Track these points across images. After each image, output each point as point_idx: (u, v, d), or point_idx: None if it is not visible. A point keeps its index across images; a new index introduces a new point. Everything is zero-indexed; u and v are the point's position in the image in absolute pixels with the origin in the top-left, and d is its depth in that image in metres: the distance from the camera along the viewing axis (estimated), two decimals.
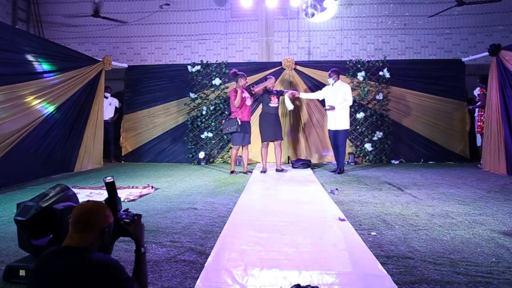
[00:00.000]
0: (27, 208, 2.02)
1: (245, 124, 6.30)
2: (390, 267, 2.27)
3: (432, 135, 7.80)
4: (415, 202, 4.03)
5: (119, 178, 5.96)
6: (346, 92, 6.33)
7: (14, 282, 2.04)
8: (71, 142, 6.61)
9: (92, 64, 7.13)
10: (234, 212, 3.66)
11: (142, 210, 3.74)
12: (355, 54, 9.13)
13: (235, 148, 6.45)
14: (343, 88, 6.38)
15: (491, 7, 8.57)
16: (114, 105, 8.47)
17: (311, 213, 3.66)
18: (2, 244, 2.71)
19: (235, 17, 9.58)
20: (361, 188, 4.95)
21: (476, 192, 4.56)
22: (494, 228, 3.05)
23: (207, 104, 8.15)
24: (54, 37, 9.32)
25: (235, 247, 2.64)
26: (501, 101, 6.14)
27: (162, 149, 8.25)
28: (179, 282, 2.07)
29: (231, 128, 6.13)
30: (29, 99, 5.50)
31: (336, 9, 9.23)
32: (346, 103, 6.33)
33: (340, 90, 6.36)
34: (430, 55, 9.12)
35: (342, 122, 6.34)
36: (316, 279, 2.10)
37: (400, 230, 3.01)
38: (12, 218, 2.64)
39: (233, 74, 6.43)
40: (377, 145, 7.85)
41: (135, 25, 9.71)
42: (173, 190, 4.90)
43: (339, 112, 6.33)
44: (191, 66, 8.26)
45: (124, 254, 2.47)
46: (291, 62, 8.00)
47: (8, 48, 5.12)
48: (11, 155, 5.19)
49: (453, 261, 2.34)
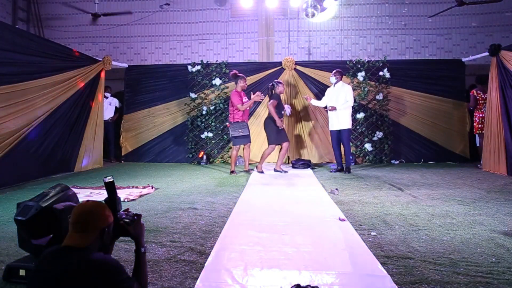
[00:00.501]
0: (27, 208, 2.02)
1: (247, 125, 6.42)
2: (390, 267, 2.27)
3: (432, 135, 7.80)
4: (415, 202, 4.03)
5: (119, 178, 5.96)
6: (348, 93, 6.38)
7: (14, 282, 2.04)
8: (71, 142, 6.61)
9: (92, 64, 7.13)
10: (234, 212, 3.66)
11: (142, 210, 3.74)
12: (355, 54, 9.13)
13: (235, 148, 6.47)
14: (344, 89, 6.42)
15: (491, 7, 8.57)
16: (114, 105, 8.47)
17: (311, 213, 3.66)
18: (2, 244, 2.71)
19: (235, 17, 9.58)
20: (361, 188, 4.95)
21: (476, 192, 4.56)
22: (494, 228, 3.05)
23: (207, 104, 8.15)
24: (54, 37, 9.31)
25: (235, 247, 2.64)
26: (501, 101, 6.14)
27: (162, 149, 8.24)
28: (179, 282, 2.07)
29: (243, 131, 6.22)
30: (29, 99, 5.50)
31: (336, 9, 9.23)
32: (347, 104, 6.38)
33: (342, 91, 6.41)
34: (430, 55, 9.12)
35: (346, 122, 6.39)
36: (316, 279, 2.10)
37: (400, 230, 3.01)
38: (12, 218, 2.63)
39: (234, 75, 6.44)
40: (377, 145, 7.85)
41: (135, 25, 9.71)
42: (173, 190, 4.90)
43: (342, 112, 6.37)
44: (191, 66, 8.26)
45: (124, 254, 2.47)
46: (291, 62, 7.99)
47: (8, 48, 5.12)
48: (11, 155, 5.19)
49: (453, 261, 2.34)
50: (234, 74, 6.44)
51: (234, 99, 6.24)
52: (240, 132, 6.23)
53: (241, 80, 6.34)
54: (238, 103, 6.18)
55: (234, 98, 6.23)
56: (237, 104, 6.19)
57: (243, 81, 6.35)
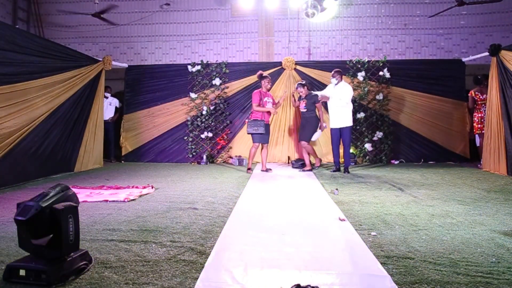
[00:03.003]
0: (27, 208, 2.01)
1: (266, 126, 6.51)
2: (390, 267, 2.26)
3: (432, 135, 7.80)
4: (415, 202, 4.03)
5: (119, 178, 5.96)
6: (349, 93, 6.41)
7: (14, 282, 2.04)
8: (71, 142, 6.60)
9: (92, 64, 7.12)
10: (234, 212, 3.66)
11: (142, 210, 3.74)
12: (355, 54, 9.13)
13: (254, 146, 6.54)
14: (347, 89, 6.45)
15: (491, 7, 8.57)
16: (114, 105, 8.47)
17: (311, 213, 3.66)
18: (2, 244, 2.71)
19: (235, 17, 9.58)
20: (361, 188, 4.95)
21: (476, 192, 4.56)
22: (494, 228, 3.04)
23: (207, 104, 8.15)
24: (54, 37, 9.32)
25: (235, 247, 2.63)
26: (501, 101, 6.14)
27: (162, 149, 8.25)
28: (179, 282, 2.07)
29: (259, 129, 6.31)
30: (29, 99, 5.50)
31: (336, 9, 9.23)
32: (349, 103, 6.43)
33: (344, 90, 6.42)
34: (430, 55, 9.12)
35: (347, 120, 6.42)
36: (316, 279, 2.10)
37: (400, 230, 3.01)
38: (12, 218, 2.64)
39: (259, 76, 6.62)
40: (377, 145, 7.85)
41: (135, 25, 9.71)
42: (173, 190, 4.90)
43: (344, 110, 6.39)
44: (191, 66, 8.26)
45: (124, 254, 2.47)
46: (291, 62, 8.00)
47: (8, 48, 5.12)
48: (11, 155, 5.19)
49: (453, 261, 2.34)
50: (260, 75, 6.63)
51: (253, 97, 6.47)
52: (255, 130, 6.32)
53: (265, 80, 6.49)
54: (255, 102, 6.41)
55: (254, 96, 6.47)
56: (253, 103, 6.43)
57: (267, 81, 6.52)
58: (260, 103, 6.38)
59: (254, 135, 6.41)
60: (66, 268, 2.06)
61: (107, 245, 2.64)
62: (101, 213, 3.61)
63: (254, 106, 6.40)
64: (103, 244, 2.66)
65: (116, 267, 2.25)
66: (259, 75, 6.63)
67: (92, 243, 2.69)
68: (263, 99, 6.43)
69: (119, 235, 2.89)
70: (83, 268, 2.16)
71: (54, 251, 2.05)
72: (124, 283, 2.03)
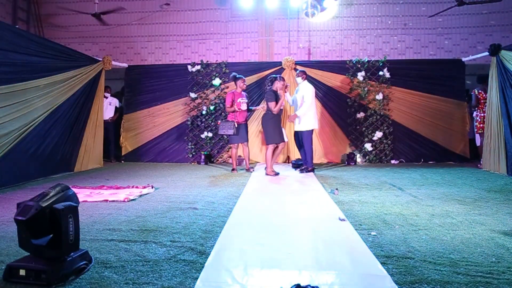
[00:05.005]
0: (27, 208, 2.02)
1: (241, 126, 6.43)
2: (390, 267, 2.26)
3: (432, 135, 7.80)
4: (415, 202, 4.03)
5: (119, 178, 5.96)
6: (306, 94, 6.21)
7: (14, 281, 2.04)
8: (71, 142, 6.60)
9: (92, 64, 7.12)
10: (234, 212, 3.66)
11: (142, 210, 3.74)
12: (355, 54, 9.13)
13: (234, 147, 6.58)
14: (305, 90, 6.27)
15: (491, 7, 8.57)
16: (114, 105, 8.46)
17: (311, 213, 3.66)
18: (2, 244, 2.71)
19: (235, 17, 9.58)
20: (361, 188, 4.95)
21: (476, 192, 4.56)
22: (494, 228, 3.04)
23: (207, 104, 8.15)
24: (54, 37, 9.31)
25: (235, 247, 2.64)
26: (501, 101, 6.14)
27: (162, 149, 8.24)
28: (179, 282, 2.07)
29: (228, 131, 6.29)
30: (29, 99, 5.50)
31: (336, 9, 9.23)
32: (305, 105, 6.18)
33: (302, 91, 6.28)
34: (430, 55, 9.12)
35: (304, 123, 6.25)
36: (316, 279, 2.10)
37: (400, 230, 3.01)
38: (12, 218, 2.63)
39: (233, 77, 6.57)
40: (377, 145, 7.85)
41: (135, 25, 9.71)
42: (173, 190, 4.90)
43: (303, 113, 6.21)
44: (191, 66, 8.26)
45: (124, 254, 2.47)
46: (291, 62, 7.99)
47: (8, 48, 5.12)
48: (11, 155, 5.19)
49: (453, 261, 2.34)
50: (233, 76, 6.58)
51: (226, 99, 6.54)
52: (224, 132, 6.33)
53: (240, 81, 6.44)
54: (227, 103, 6.45)
55: (226, 98, 6.53)
56: (226, 104, 6.47)
57: (242, 82, 6.47)
58: (232, 104, 6.37)
59: (230, 136, 6.44)
60: (66, 268, 2.06)
61: (107, 245, 2.64)
62: (101, 213, 3.61)
63: (227, 108, 6.44)
64: (103, 244, 2.66)
65: (116, 267, 2.25)
66: (232, 77, 6.57)
67: (92, 243, 2.69)
68: (236, 100, 6.39)
69: (119, 235, 2.89)
70: (83, 268, 2.16)
71: (54, 251, 2.06)
72: (124, 283, 2.03)
